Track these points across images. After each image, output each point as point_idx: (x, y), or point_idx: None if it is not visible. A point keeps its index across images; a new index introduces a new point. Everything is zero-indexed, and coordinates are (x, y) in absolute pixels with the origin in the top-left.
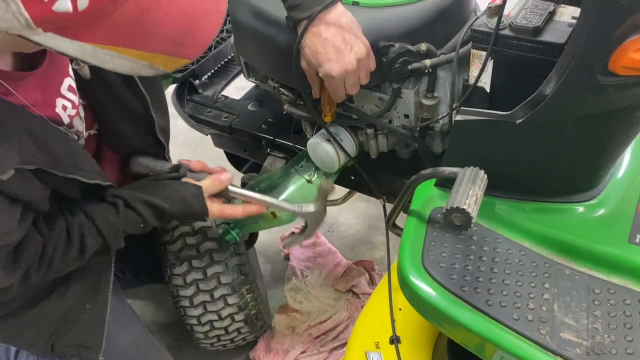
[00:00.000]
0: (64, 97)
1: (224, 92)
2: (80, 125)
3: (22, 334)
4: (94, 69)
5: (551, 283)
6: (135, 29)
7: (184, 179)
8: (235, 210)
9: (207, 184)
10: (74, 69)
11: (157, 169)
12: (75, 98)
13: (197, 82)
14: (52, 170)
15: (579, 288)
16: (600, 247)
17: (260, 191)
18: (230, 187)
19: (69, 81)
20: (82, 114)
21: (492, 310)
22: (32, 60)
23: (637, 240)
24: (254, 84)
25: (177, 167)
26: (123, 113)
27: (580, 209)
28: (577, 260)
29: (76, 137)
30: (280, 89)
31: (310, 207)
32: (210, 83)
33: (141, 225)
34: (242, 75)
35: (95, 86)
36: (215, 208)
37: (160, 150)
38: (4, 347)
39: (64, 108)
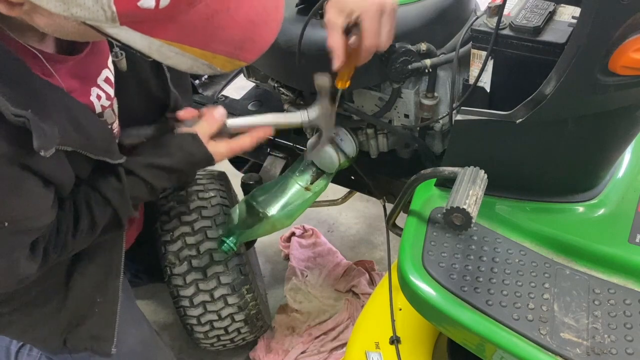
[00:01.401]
0: (99, 87)
1: (224, 92)
2: (110, 118)
3: (35, 330)
4: (130, 61)
5: (551, 283)
6: (203, 30)
7: (177, 131)
8: (244, 142)
9: (202, 127)
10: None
11: (148, 132)
12: (111, 90)
13: (197, 81)
14: (87, 153)
15: (579, 288)
16: (600, 247)
17: (260, 202)
18: (228, 122)
19: (107, 73)
20: (115, 107)
21: (492, 310)
22: (73, 45)
23: (637, 240)
24: (254, 84)
25: (165, 122)
26: (148, 105)
27: (581, 209)
28: (577, 260)
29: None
30: (280, 89)
31: (315, 110)
32: (210, 83)
33: (149, 188)
34: (242, 75)
35: (129, 78)
36: (222, 148)
37: None
38: (5, 346)
39: (98, 97)
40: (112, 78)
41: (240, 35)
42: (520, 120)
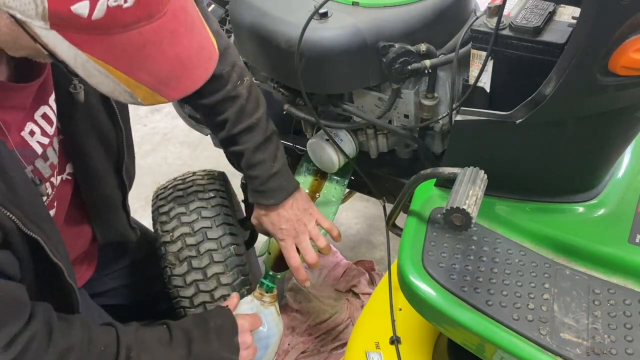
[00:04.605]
0: (35, 122)
1: None
2: (53, 158)
3: None
4: (87, 94)
5: (551, 283)
6: (132, 56)
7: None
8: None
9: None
10: (70, 92)
11: None
12: (49, 128)
13: None
14: (14, 216)
15: (579, 288)
16: (600, 247)
17: None
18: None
19: (45, 109)
20: (55, 146)
21: (492, 310)
22: (27, 73)
23: (637, 241)
24: None
25: None
26: (100, 144)
27: (581, 209)
28: (577, 260)
29: (38, 181)
30: (280, 89)
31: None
32: None
33: None
34: None
35: (80, 115)
36: None
37: (121, 193)
38: None
39: (31, 133)
40: (51, 116)
41: (167, 71)
42: (520, 120)
